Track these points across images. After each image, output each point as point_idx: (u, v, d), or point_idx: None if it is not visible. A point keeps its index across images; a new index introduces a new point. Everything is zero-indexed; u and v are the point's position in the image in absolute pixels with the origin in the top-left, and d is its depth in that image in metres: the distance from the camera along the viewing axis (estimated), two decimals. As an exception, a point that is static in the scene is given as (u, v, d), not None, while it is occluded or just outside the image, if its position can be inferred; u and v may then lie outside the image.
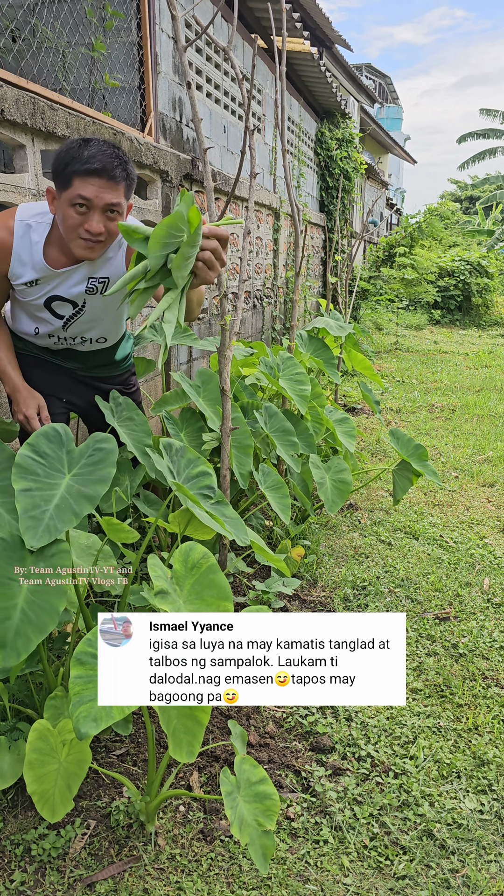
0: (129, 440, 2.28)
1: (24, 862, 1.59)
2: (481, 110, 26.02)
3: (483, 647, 2.50)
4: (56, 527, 1.49)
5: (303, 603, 2.79)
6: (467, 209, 34.33)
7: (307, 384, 3.17)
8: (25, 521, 1.49)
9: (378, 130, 15.58)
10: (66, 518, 1.50)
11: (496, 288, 13.75)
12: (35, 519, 1.49)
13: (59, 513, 1.51)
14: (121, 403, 2.35)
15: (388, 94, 28.90)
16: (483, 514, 3.77)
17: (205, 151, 2.53)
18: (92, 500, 1.53)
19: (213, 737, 2.00)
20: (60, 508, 1.52)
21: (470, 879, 1.60)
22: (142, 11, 3.62)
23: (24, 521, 1.49)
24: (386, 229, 20.04)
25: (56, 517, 1.51)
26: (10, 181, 2.37)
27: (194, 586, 1.57)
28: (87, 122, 2.74)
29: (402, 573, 3.05)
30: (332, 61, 9.51)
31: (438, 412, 6.05)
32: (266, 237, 6.25)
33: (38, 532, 1.47)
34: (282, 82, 3.34)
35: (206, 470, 1.94)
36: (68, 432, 1.66)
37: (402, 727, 2.08)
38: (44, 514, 1.51)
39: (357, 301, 10.18)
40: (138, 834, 1.68)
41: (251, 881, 1.57)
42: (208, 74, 4.70)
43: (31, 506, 1.51)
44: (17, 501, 1.50)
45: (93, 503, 1.52)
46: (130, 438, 2.30)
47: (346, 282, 5.97)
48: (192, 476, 1.92)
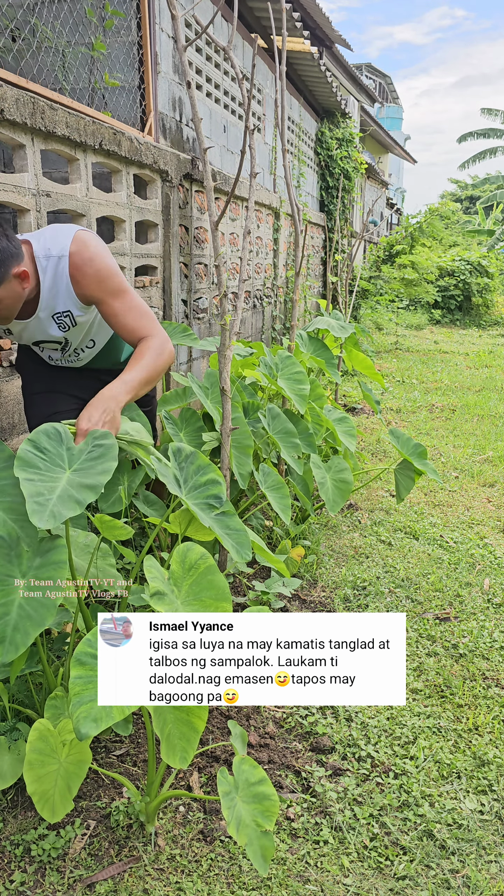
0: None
1: (24, 862, 1.59)
2: (482, 110, 26.03)
3: (483, 648, 2.50)
4: (60, 512, 1.47)
5: (303, 603, 2.79)
6: (467, 209, 34.33)
7: (306, 384, 3.17)
8: (31, 505, 1.46)
9: (378, 130, 15.58)
10: (69, 505, 1.48)
11: (496, 288, 13.75)
12: (40, 504, 1.48)
13: (62, 501, 1.50)
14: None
15: (388, 93, 28.90)
16: (483, 514, 3.77)
17: (205, 151, 2.53)
18: (94, 489, 1.52)
19: (212, 737, 2.00)
20: (63, 498, 1.51)
21: (470, 880, 1.60)
22: (142, 11, 3.61)
23: (31, 505, 1.46)
24: (386, 229, 20.03)
25: (59, 504, 1.49)
26: (10, 181, 2.37)
27: (192, 587, 1.56)
28: (87, 122, 2.74)
29: (403, 573, 3.04)
30: (332, 61, 9.51)
31: (439, 412, 6.05)
32: (266, 237, 6.25)
33: (45, 515, 1.45)
34: (282, 82, 3.34)
35: (216, 478, 1.87)
36: (67, 431, 1.65)
37: (402, 727, 2.07)
38: (47, 502, 1.50)
39: (357, 301, 10.18)
40: (138, 834, 1.68)
41: (251, 881, 1.57)
42: (208, 74, 4.70)
43: (35, 492, 1.50)
44: (23, 487, 1.48)
45: (95, 492, 1.51)
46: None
47: (347, 281, 5.98)
48: (200, 484, 1.85)
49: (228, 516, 1.87)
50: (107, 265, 1.84)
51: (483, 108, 26.13)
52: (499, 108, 26.00)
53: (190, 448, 1.90)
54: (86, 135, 2.74)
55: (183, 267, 4.05)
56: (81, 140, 2.72)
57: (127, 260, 3.29)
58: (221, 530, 1.81)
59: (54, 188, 2.62)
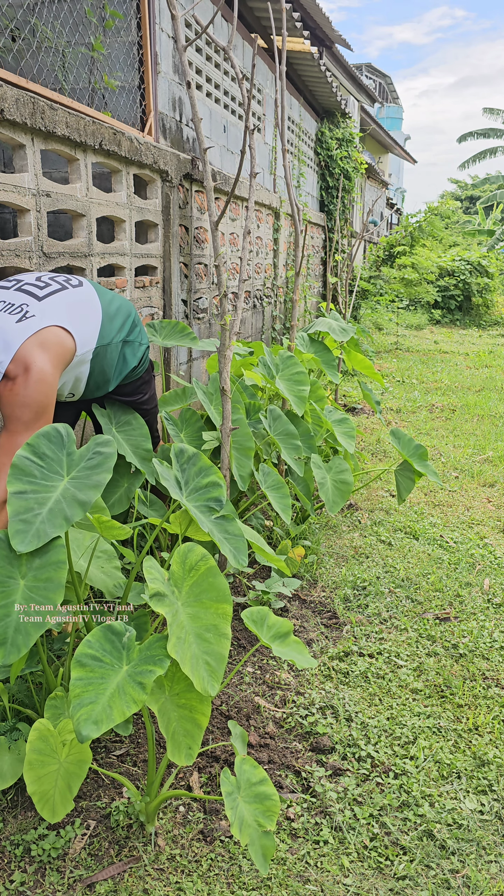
0: (128, 446, 2.26)
1: (24, 862, 1.59)
2: (484, 109, 26.03)
3: (483, 648, 2.50)
4: (46, 532, 1.49)
5: (303, 603, 2.79)
6: (467, 209, 34.34)
7: (306, 385, 3.15)
8: (15, 525, 1.48)
9: (378, 130, 15.58)
10: (57, 523, 1.50)
11: (496, 288, 13.74)
12: (26, 522, 1.49)
13: (52, 517, 1.51)
14: (117, 408, 2.33)
15: (388, 93, 28.90)
16: (483, 514, 3.77)
17: (205, 151, 2.53)
18: (84, 505, 1.52)
19: (213, 737, 2.00)
20: (53, 513, 1.51)
21: (470, 880, 1.60)
22: (141, 11, 3.61)
23: (14, 525, 1.48)
24: (386, 229, 20.03)
25: (48, 521, 1.50)
26: (10, 181, 2.37)
27: (192, 588, 1.56)
28: (87, 122, 2.74)
29: (403, 573, 3.04)
30: (332, 61, 9.51)
31: (439, 412, 6.05)
32: (266, 237, 6.25)
33: (28, 537, 1.47)
34: (282, 82, 3.34)
35: (217, 481, 1.86)
36: (70, 433, 1.65)
37: (402, 727, 2.07)
38: (35, 518, 1.50)
39: (357, 301, 10.18)
40: (138, 834, 1.68)
41: (251, 882, 1.57)
42: (208, 74, 4.70)
43: (23, 509, 1.50)
44: (9, 504, 1.50)
45: (85, 508, 1.52)
46: (128, 444, 2.28)
47: (347, 281, 5.97)
48: (201, 487, 1.84)
49: (228, 521, 1.85)
50: (32, 402, 1.77)
51: (485, 107, 26.14)
52: (501, 108, 26.03)
53: (193, 449, 1.88)
54: (86, 135, 2.74)
55: (183, 267, 4.05)
56: (81, 140, 2.72)
57: (127, 260, 3.29)
58: (220, 535, 1.80)
59: (54, 188, 2.62)
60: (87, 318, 2.01)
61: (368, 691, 2.24)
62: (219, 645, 1.52)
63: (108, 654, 1.44)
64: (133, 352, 2.21)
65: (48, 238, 2.59)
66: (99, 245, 3.00)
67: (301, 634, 2.55)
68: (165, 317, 3.81)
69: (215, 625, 1.54)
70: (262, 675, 2.31)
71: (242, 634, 2.51)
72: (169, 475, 1.78)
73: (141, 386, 2.35)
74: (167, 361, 3.77)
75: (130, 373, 2.24)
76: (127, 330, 2.16)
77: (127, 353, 2.19)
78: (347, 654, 2.44)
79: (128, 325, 2.17)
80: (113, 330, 2.09)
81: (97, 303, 2.08)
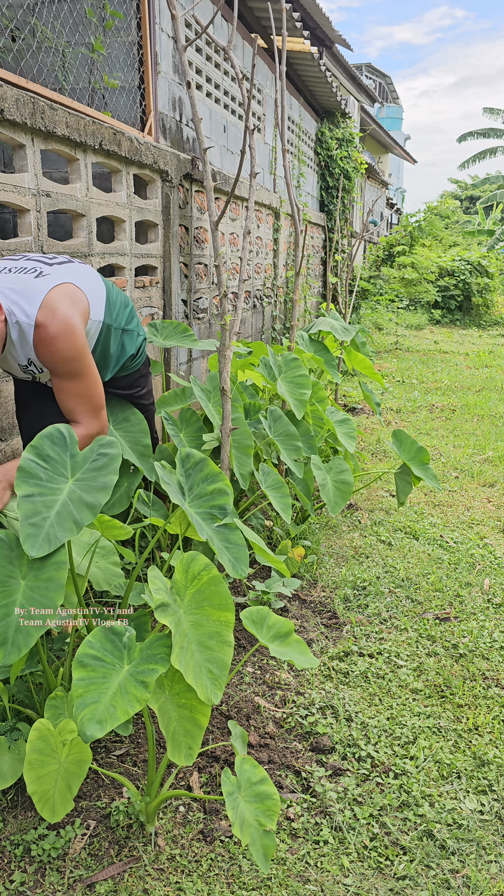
0: (126, 443, 2.26)
1: (24, 862, 1.59)
2: (484, 109, 26.04)
3: (483, 648, 2.50)
4: (56, 536, 1.48)
5: (303, 603, 2.79)
6: (467, 209, 34.34)
7: (307, 388, 3.13)
8: (26, 529, 1.48)
9: (378, 130, 15.58)
10: (66, 527, 1.49)
11: (496, 288, 13.74)
12: (35, 526, 1.48)
13: (60, 520, 1.50)
14: (114, 404, 2.33)
15: (388, 93, 28.90)
16: (483, 514, 3.77)
17: (205, 151, 2.53)
18: (93, 508, 1.51)
19: (213, 737, 2.00)
20: (61, 516, 1.51)
21: (470, 880, 1.60)
22: (141, 11, 3.61)
23: (25, 529, 1.48)
24: (386, 229, 20.03)
25: (57, 525, 1.49)
26: (10, 181, 2.37)
27: (195, 596, 1.56)
28: (87, 122, 2.74)
29: (403, 573, 3.04)
30: (332, 61, 9.51)
31: (439, 412, 6.05)
32: (266, 237, 6.25)
33: (38, 541, 1.47)
34: (282, 82, 3.34)
35: (224, 489, 1.83)
36: (72, 434, 1.65)
37: (402, 727, 2.07)
38: (44, 521, 1.50)
39: (357, 301, 10.18)
40: (138, 834, 1.68)
41: (251, 881, 1.57)
42: (208, 74, 4.70)
43: (31, 512, 1.50)
44: (19, 507, 1.50)
45: (94, 512, 1.51)
46: (127, 441, 2.27)
47: (347, 281, 5.97)
48: (206, 493, 1.82)
49: (230, 529, 1.83)
50: (69, 348, 1.82)
51: (485, 107, 26.14)
52: (501, 108, 26.04)
53: (200, 455, 1.86)
54: (86, 135, 2.74)
55: (183, 267, 4.05)
56: (81, 140, 2.72)
57: (127, 260, 3.29)
58: (221, 543, 1.79)
59: (54, 188, 2.63)
60: (96, 290, 2.04)
61: (368, 691, 2.24)
62: (221, 652, 1.53)
63: (109, 654, 1.44)
64: (132, 341, 2.24)
65: (48, 238, 2.59)
66: (99, 245, 3.00)
67: (301, 634, 2.55)
68: (165, 317, 3.81)
69: (218, 632, 1.55)
70: (262, 675, 2.31)
71: (242, 635, 2.51)
72: (171, 479, 1.77)
73: (139, 379, 2.37)
74: (167, 361, 3.78)
75: (128, 362, 2.25)
76: (126, 319, 2.19)
77: (126, 340, 2.21)
78: (347, 654, 2.44)
79: (126, 315, 2.20)
80: (114, 313, 2.12)
81: (102, 282, 2.12)
